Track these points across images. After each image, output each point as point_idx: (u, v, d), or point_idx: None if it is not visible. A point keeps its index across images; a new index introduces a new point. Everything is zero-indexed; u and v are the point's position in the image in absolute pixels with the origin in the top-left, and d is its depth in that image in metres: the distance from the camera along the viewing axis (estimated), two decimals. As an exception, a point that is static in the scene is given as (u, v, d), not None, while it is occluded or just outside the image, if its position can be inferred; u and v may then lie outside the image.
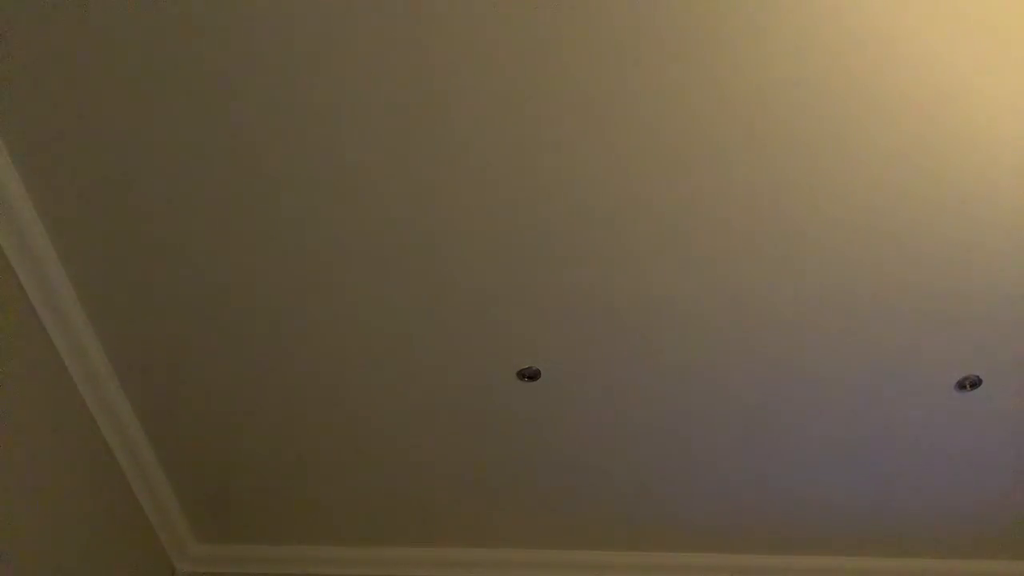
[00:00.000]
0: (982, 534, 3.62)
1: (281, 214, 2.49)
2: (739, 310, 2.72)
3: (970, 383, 2.93)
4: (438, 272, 2.63)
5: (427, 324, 2.79)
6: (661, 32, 2.07)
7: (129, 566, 3.29)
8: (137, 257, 2.61)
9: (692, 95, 2.20)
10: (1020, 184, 2.38)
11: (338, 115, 2.25)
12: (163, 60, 2.14)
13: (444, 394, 3.04)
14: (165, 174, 2.39)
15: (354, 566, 3.78)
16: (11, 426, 2.58)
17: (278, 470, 3.38)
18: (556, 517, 3.59)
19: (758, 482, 3.38)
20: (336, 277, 2.66)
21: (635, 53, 2.11)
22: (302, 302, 2.73)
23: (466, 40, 2.09)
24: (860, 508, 3.50)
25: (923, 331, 2.77)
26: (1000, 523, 3.56)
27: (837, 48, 2.10)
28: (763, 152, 2.31)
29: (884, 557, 3.76)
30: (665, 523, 3.60)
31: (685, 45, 2.10)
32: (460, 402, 3.07)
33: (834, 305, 2.70)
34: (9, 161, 2.36)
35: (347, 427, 3.18)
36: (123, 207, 2.48)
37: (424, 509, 3.57)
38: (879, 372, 2.91)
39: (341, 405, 3.10)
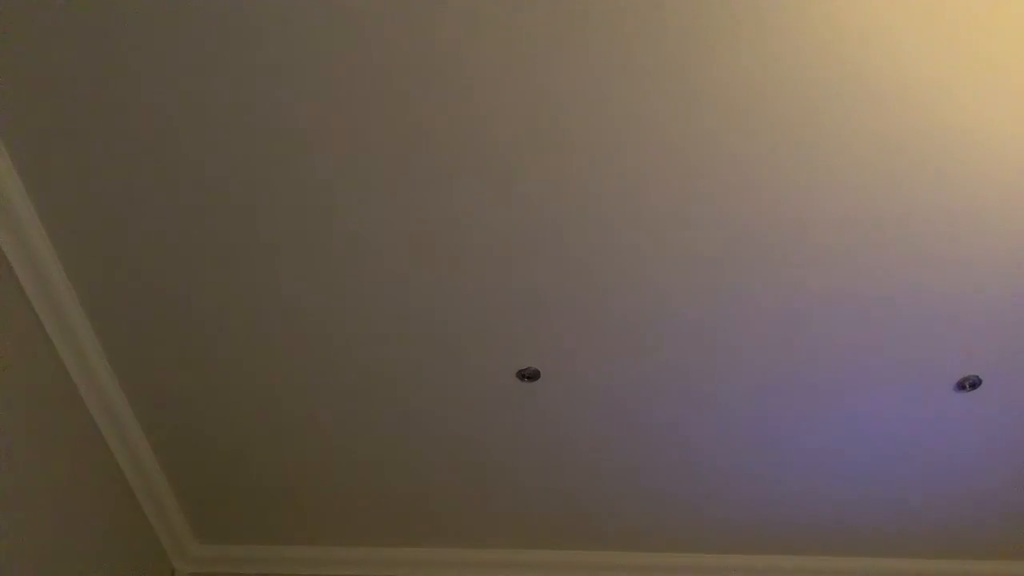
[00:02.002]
0: (982, 534, 3.62)
1: (282, 215, 2.49)
2: (739, 310, 2.72)
3: (970, 383, 2.92)
4: (438, 272, 2.63)
5: (427, 325, 2.79)
6: (662, 36, 2.07)
7: (129, 566, 3.28)
8: (137, 258, 2.61)
9: (695, 98, 2.19)
10: (1020, 182, 2.38)
11: (340, 115, 2.25)
12: (164, 61, 2.14)
13: (444, 394, 3.04)
14: (166, 175, 2.39)
15: (353, 566, 3.78)
16: (11, 427, 2.57)
17: (277, 471, 3.38)
18: (555, 517, 3.59)
19: (757, 481, 3.38)
20: (336, 276, 2.66)
21: (636, 55, 2.11)
22: (303, 301, 2.73)
23: (477, 37, 2.09)
24: (860, 508, 3.50)
25: (923, 331, 2.77)
26: (1000, 523, 3.56)
27: (837, 45, 2.10)
28: (763, 153, 2.31)
29: (884, 557, 3.76)
30: (665, 523, 3.60)
31: (684, 47, 2.10)
32: (460, 402, 3.07)
33: (834, 306, 2.70)
34: (9, 161, 2.36)
35: (347, 427, 3.18)
36: (123, 208, 2.48)
37: (423, 510, 3.56)
38: (879, 372, 2.91)
39: (340, 405, 3.09)
